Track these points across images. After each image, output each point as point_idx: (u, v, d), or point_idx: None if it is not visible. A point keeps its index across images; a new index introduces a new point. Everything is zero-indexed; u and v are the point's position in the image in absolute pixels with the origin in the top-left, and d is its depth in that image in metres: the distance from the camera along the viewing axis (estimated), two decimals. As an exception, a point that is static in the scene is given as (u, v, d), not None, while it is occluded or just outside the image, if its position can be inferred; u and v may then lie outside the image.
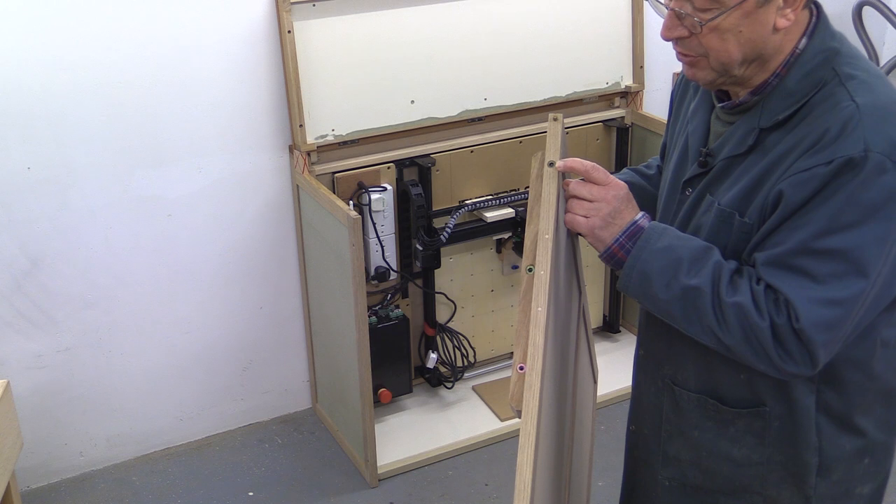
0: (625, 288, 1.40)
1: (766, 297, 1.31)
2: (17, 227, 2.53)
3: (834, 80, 1.33)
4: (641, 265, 1.37)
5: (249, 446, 2.97)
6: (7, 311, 2.60)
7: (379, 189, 2.75)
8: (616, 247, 1.39)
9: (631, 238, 1.38)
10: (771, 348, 1.30)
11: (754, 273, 1.34)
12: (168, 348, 2.84)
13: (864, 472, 1.49)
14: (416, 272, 2.96)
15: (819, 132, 1.30)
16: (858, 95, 1.30)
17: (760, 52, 1.34)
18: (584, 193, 1.39)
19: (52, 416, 2.75)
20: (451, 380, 3.12)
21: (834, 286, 1.28)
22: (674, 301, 1.35)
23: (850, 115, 1.28)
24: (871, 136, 1.27)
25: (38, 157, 2.50)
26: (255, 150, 2.75)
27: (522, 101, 2.98)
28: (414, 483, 2.79)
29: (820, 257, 1.28)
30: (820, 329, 1.29)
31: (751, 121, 1.38)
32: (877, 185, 1.26)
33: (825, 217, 1.27)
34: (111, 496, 2.77)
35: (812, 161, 1.28)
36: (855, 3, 3.39)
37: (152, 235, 2.70)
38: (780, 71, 1.36)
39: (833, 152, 1.27)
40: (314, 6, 2.61)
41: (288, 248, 2.90)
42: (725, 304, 1.31)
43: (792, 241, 1.29)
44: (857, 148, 1.26)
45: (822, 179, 1.27)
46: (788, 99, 1.35)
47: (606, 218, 1.39)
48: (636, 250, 1.37)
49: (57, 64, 2.44)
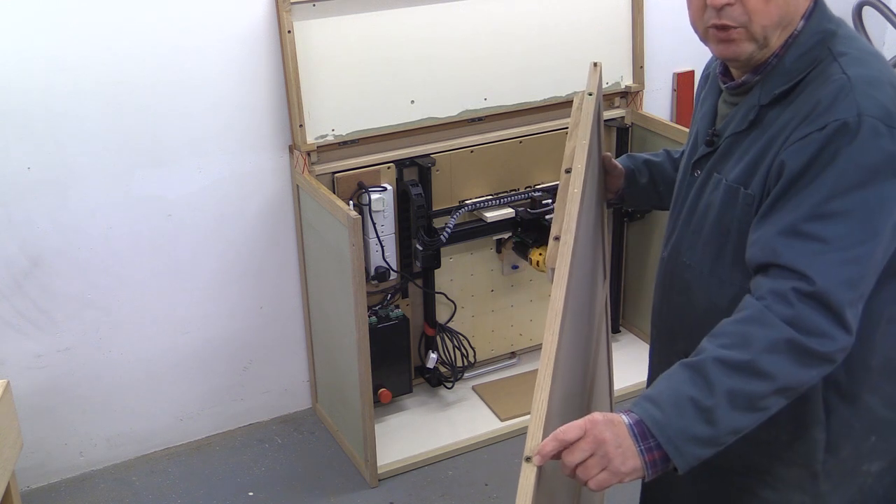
0: (693, 461, 1.27)
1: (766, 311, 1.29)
2: (17, 227, 2.53)
3: (828, 57, 1.39)
4: (680, 441, 1.24)
5: (249, 446, 2.97)
6: (7, 311, 2.60)
7: (379, 189, 2.75)
8: (648, 456, 1.24)
9: (645, 437, 1.24)
10: (804, 343, 1.27)
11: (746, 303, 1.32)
12: (168, 348, 2.84)
13: (871, 450, 1.50)
14: (416, 272, 2.96)
15: (813, 103, 1.36)
16: (850, 68, 1.37)
17: (792, 17, 1.41)
18: (578, 457, 1.22)
19: (52, 416, 2.75)
20: (451, 380, 3.12)
21: (847, 246, 1.29)
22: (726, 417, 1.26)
23: (841, 84, 1.35)
24: (864, 101, 1.32)
25: (38, 157, 2.50)
26: (255, 150, 2.75)
27: (522, 101, 2.98)
28: (414, 483, 2.79)
29: (829, 220, 1.30)
30: (842, 288, 1.28)
31: (752, 99, 1.45)
32: (875, 148, 1.31)
33: (829, 182, 1.30)
34: (111, 496, 2.77)
35: (808, 129, 1.33)
36: (855, 3, 3.39)
37: (152, 235, 2.70)
38: (779, 51, 1.42)
39: (827, 118, 1.32)
40: (314, 6, 2.61)
41: (288, 248, 2.90)
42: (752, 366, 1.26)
43: (801, 208, 1.32)
44: (850, 112, 1.31)
45: (818, 144, 1.32)
46: (785, 76, 1.41)
47: (615, 452, 1.22)
48: (662, 437, 1.24)
49: (57, 64, 2.44)
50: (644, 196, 1.83)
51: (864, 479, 1.52)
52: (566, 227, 1.39)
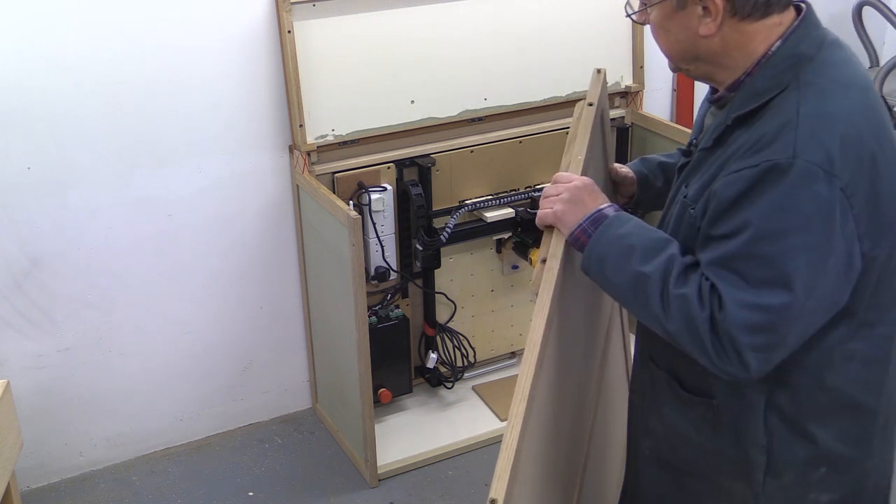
0: (585, 269, 1.48)
1: (710, 293, 1.32)
2: (17, 227, 2.53)
3: (793, 84, 1.34)
4: (599, 249, 1.45)
5: (249, 446, 2.97)
6: (7, 311, 2.60)
7: (379, 189, 2.75)
8: (579, 231, 1.47)
9: (594, 224, 1.46)
10: (708, 341, 1.31)
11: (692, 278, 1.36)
12: (168, 348, 2.84)
13: (820, 481, 1.47)
14: (416, 272, 2.96)
15: (759, 135, 1.32)
16: (805, 103, 1.31)
17: (697, 55, 1.41)
18: (549, 191, 1.53)
19: (52, 416, 2.75)
20: (451, 380, 3.12)
21: (763, 292, 1.28)
22: (625, 285, 1.41)
23: (787, 120, 1.30)
24: (803, 143, 1.27)
25: (38, 157, 2.50)
26: (255, 150, 2.75)
27: (522, 101, 2.98)
28: (414, 483, 2.79)
29: (752, 262, 1.29)
30: (743, 331, 1.29)
31: (722, 117, 1.42)
32: (806, 194, 1.26)
33: (756, 221, 1.28)
34: (111, 496, 2.77)
35: (743, 163, 1.31)
36: (855, 3, 3.39)
37: (152, 235, 2.70)
38: (752, 70, 1.39)
39: (762, 156, 1.29)
40: (314, 6, 2.61)
41: (288, 248, 2.90)
42: (671, 294, 1.34)
43: (731, 243, 1.31)
44: (784, 153, 1.27)
45: (747, 182, 1.29)
46: (752, 98, 1.37)
47: (568, 204, 1.49)
48: (596, 235, 1.45)
49: (57, 64, 2.43)
50: (660, 199, 1.75)
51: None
52: (553, 251, 1.44)
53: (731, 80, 1.41)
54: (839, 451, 1.46)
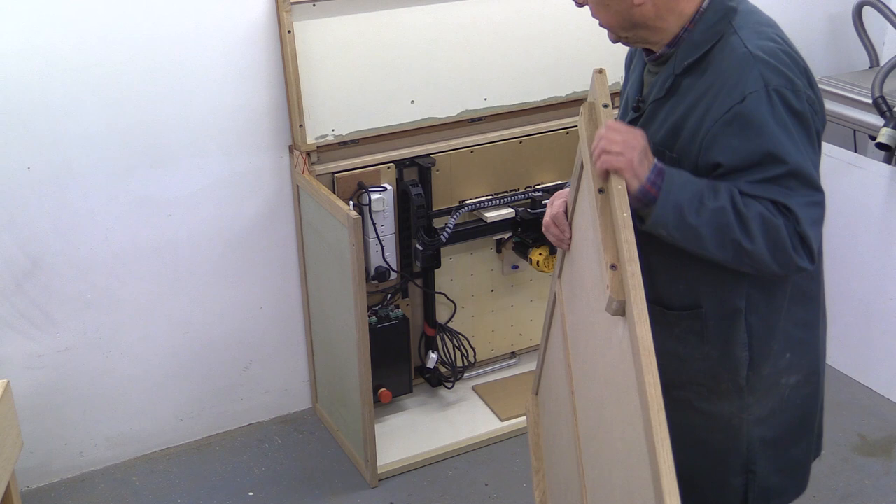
0: (661, 220, 1.52)
1: (774, 206, 1.52)
2: (17, 227, 2.53)
3: (729, 30, 1.59)
4: (674, 198, 1.51)
5: (249, 446, 2.97)
6: (7, 311, 2.60)
7: (379, 189, 2.75)
8: (649, 184, 1.51)
9: (659, 176, 1.51)
10: (790, 245, 1.51)
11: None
12: (168, 348, 2.84)
13: (787, 366, 1.72)
14: (416, 272, 2.96)
15: (724, 76, 1.55)
16: (749, 42, 1.56)
17: (636, 21, 1.62)
18: (613, 136, 1.50)
19: (52, 416, 2.75)
20: (451, 380, 3.12)
21: (810, 192, 1.54)
22: (704, 224, 1.51)
23: (742, 59, 1.54)
24: (768, 73, 1.53)
25: (38, 157, 2.50)
26: (255, 150, 2.75)
27: (522, 101, 2.98)
28: (414, 483, 2.79)
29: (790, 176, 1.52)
30: (812, 226, 1.54)
31: (668, 69, 1.64)
32: (790, 112, 1.52)
33: (769, 146, 1.51)
34: (111, 496, 2.77)
35: (727, 103, 1.53)
36: (855, 3, 3.39)
37: (152, 235, 2.70)
38: (689, 26, 1.61)
39: (739, 92, 1.52)
40: (314, 6, 2.61)
41: (288, 248, 2.90)
42: (747, 217, 1.50)
43: (762, 170, 1.52)
44: (757, 85, 1.52)
45: (743, 117, 1.52)
46: (694, 48, 1.60)
47: (640, 155, 1.50)
48: (667, 184, 1.51)
49: (57, 64, 2.43)
50: None
51: (783, 390, 1.74)
52: (628, 256, 1.34)
53: (668, 39, 1.62)
54: (798, 336, 1.72)
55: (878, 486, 2.75)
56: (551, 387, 2.07)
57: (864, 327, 3.17)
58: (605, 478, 1.49)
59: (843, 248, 3.17)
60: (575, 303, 1.76)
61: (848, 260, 3.18)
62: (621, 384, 1.38)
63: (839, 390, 3.18)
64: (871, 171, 3.07)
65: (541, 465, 2.19)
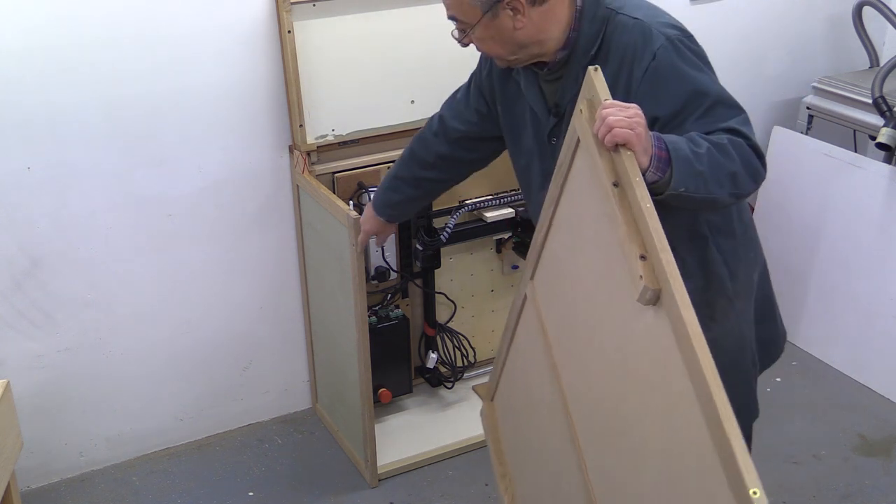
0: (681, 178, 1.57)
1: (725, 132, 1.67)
2: (17, 227, 2.53)
3: (611, 14, 1.77)
4: (683, 153, 1.58)
5: (249, 446, 2.97)
6: (7, 311, 2.60)
7: (379, 189, 2.75)
8: (657, 149, 1.55)
9: (659, 140, 1.57)
10: (754, 159, 1.68)
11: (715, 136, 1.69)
12: (168, 348, 2.84)
13: (752, 262, 1.95)
14: (416, 272, 2.96)
15: (628, 48, 1.73)
16: (636, 12, 1.76)
17: (522, 43, 1.78)
18: (618, 112, 1.51)
19: (52, 416, 2.75)
20: (451, 380, 3.12)
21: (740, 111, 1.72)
22: (706, 168, 1.60)
23: (640, 26, 1.73)
24: (664, 29, 1.73)
25: (38, 157, 2.50)
26: (255, 149, 2.75)
27: (522, 101, 2.98)
28: (414, 483, 2.79)
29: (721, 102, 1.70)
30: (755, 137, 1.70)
31: (573, 67, 1.80)
32: (692, 53, 1.73)
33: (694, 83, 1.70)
34: (111, 496, 2.77)
35: (643, 65, 1.71)
36: (855, 3, 3.39)
37: (152, 235, 2.70)
38: (574, 26, 1.78)
39: (651, 50, 1.70)
40: (314, 6, 2.61)
41: (288, 248, 2.90)
42: (723, 146, 1.64)
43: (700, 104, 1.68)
44: (660, 39, 1.71)
45: (661, 68, 1.70)
46: (590, 39, 1.78)
47: (643, 127, 1.53)
48: (671, 145, 1.57)
49: (57, 64, 2.43)
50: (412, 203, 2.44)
51: (755, 288, 1.97)
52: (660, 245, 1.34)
53: (557, 47, 1.79)
54: (747, 235, 1.94)
55: (878, 486, 2.75)
56: (517, 392, 2.07)
57: (864, 327, 3.17)
58: (628, 474, 1.48)
59: (843, 247, 3.18)
60: (561, 302, 1.75)
61: (848, 260, 3.18)
62: (650, 375, 1.37)
63: (839, 390, 3.18)
64: (871, 171, 3.07)
65: (506, 469, 2.18)
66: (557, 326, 1.77)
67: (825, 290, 3.28)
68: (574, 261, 1.68)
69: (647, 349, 1.38)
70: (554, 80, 1.85)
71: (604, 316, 1.54)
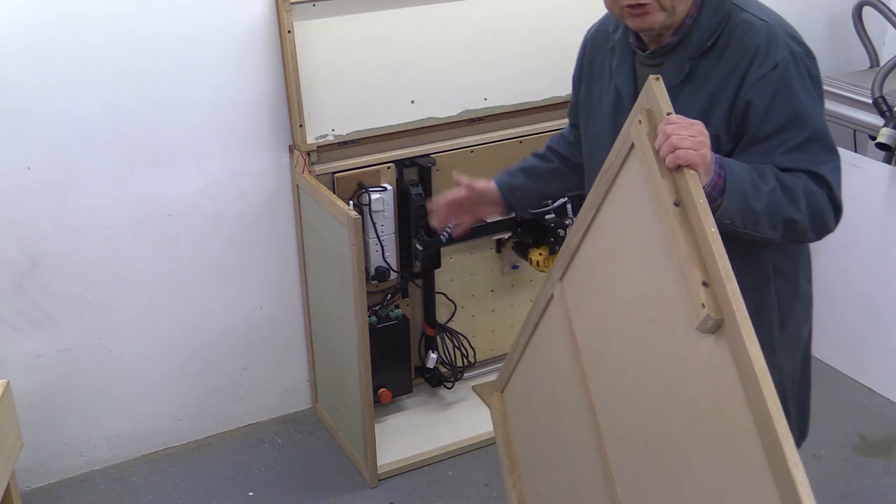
0: (729, 211, 1.53)
1: (812, 176, 1.62)
2: (17, 227, 2.53)
3: (734, 10, 1.69)
4: (740, 186, 1.54)
5: (249, 446, 2.97)
6: (7, 311, 2.60)
7: (379, 189, 2.75)
8: (717, 176, 1.52)
9: (721, 166, 1.52)
10: (827, 213, 1.63)
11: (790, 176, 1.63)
12: (168, 348, 2.84)
13: (803, 319, 1.88)
14: (416, 272, 2.96)
15: (752, 49, 1.65)
16: (763, 17, 1.68)
17: None
18: (681, 131, 1.42)
19: (52, 416, 2.75)
20: (451, 380, 3.12)
21: (832, 156, 1.66)
22: (765, 207, 1.56)
23: (767, 30, 1.66)
24: (791, 43, 1.66)
25: (38, 157, 2.50)
26: (255, 150, 2.75)
27: (522, 101, 2.98)
28: (414, 483, 2.79)
29: (816, 140, 1.63)
30: (839, 189, 1.65)
31: (679, 56, 1.71)
32: (811, 78, 1.67)
33: (800, 108, 1.62)
34: (111, 496, 2.77)
35: (761, 71, 1.63)
36: (855, 3, 3.39)
37: (152, 235, 2.70)
38: (693, 12, 1.69)
39: (773, 59, 1.63)
40: (314, 6, 2.61)
41: (288, 248, 2.90)
42: (795, 192, 1.59)
43: (794, 132, 1.62)
44: (783, 53, 1.64)
45: (776, 82, 1.62)
46: (707, 31, 1.68)
47: (707, 149, 1.47)
48: (729, 175, 1.53)
49: (57, 64, 2.44)
50: (528, 197, 2.17)
51: (802, 343, 1.89)
52: (725, 274, 1.26)
53: (675, 26, 1.69)
54: (806, 290, 1.87)
55: (878, 486, 2.75)
56: (534, 389, 2.02)
57: (864, 327, 3.17)
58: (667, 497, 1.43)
59: (843, 247, 3.17)
60: (594, 309, 1.68)
61: (848, 259, 3.18)
62: (702, 403, 1.31)
63: (839, 390, 3.18)
64: (871, 171, 3.07)
65: (515, 465, 2.13)
66: (589, 332, 1.70)
67: (825, 290, 3.27)
68: (614, 270, 1.60)
69: (702, 378, 1.31)
70: (653, 64, 1.75)
71: (647, 333, 1.47)
